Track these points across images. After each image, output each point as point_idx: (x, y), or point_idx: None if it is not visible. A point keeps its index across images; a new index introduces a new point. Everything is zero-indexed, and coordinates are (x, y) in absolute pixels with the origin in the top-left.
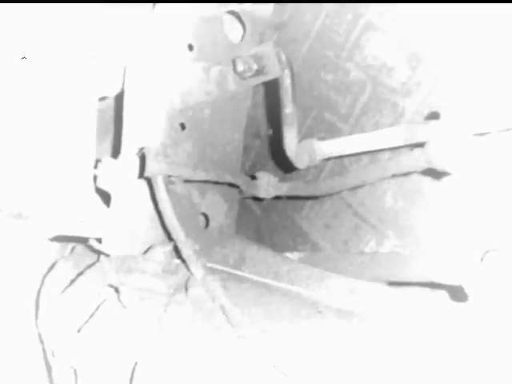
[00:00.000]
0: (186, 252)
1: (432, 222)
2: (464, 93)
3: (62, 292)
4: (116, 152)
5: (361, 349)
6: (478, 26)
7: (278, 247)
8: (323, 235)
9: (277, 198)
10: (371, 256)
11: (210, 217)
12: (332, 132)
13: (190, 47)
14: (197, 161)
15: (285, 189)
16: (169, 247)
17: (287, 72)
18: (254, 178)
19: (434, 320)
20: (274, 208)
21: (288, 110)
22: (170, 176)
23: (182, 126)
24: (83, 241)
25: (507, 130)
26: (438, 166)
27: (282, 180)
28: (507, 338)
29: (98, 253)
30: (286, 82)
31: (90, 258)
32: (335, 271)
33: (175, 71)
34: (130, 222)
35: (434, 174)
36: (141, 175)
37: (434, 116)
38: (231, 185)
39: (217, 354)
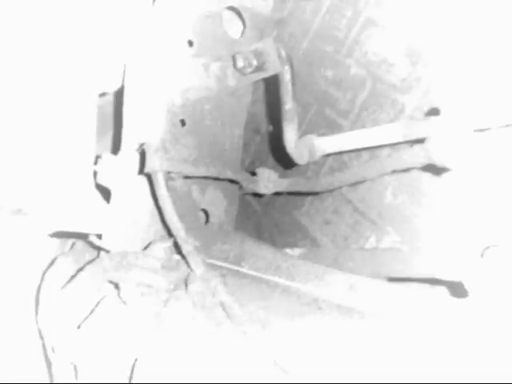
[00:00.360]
0: (186, 248)
1: (432, 218)
2: (464, 89)
3: (62, 288)
4: (116, 148)
5: (361, 345)
6: (478, 22)
7: (278, 243)
8: (323, 231)
9: (277, 194)
10: (371, 252)
11: (210, 213)
12: (332, 128)
13: (190, 43)
14: (197, 157)
15: (285, 185)
16: (169, 243)
17: (287, 68)
18: (253, 174)
19: (434, 316)
20: (274, 204)
21: (288, 106)
22: (169, 172)
23: (182, 122)
24: (83, 237)
25: (507, 126)
26: (438, 161)
27: (282, 176)
28: (507, 335)
29: (98, 249)
30: (286, 78)
31: (90, 254)
32: (335, 267)
33: (175, 67)
34: (129, 218)
35: (434, 169)
36: (141, 171)
37: (433, 112)
38: (231, 181)
39: (217, 350)
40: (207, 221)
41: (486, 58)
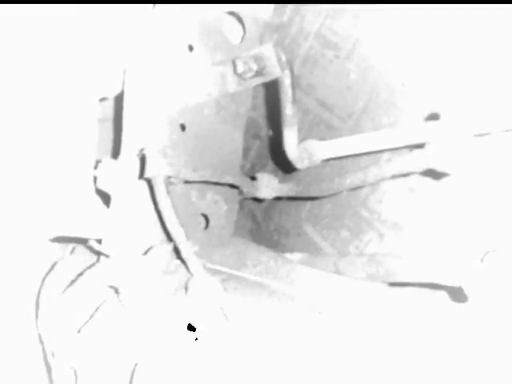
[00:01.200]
0: (186, 252)
1: (432, 223)
2: (464, 93)
3: (62, 292)
4: (116, 153)
5: (361, 350)
6: (478, 26)
7: (278, 248)
8: (323, 236)
9: (277, 198)
10: (371, 256)
11: (210, 217)
12: (332, 132)
13: (190, 48)
14: (197, 161)
15: (285, 189)
16: (169, 248)
17: (287, 72)
18: (253, 178)
19: (434, 321)
20: (274, 209)
21: (288, 110)
22: (169, 177)
23: (182, 127)
24: (83, 241)
25: (507, 130)
26: (438, 166)
27: (282, 181)
28: (507, 340)
29: (98, 253)
30: (286, 83)
31: (90, 258)
32: (335, 272)
33: (175, 72)
34: (129, 223)
35: (434, 174)
36: (141, 176)
37: (433, 117)
38: (231, 185)
39: (217, 355)
40: (207, 225)
41: (486, 63)
